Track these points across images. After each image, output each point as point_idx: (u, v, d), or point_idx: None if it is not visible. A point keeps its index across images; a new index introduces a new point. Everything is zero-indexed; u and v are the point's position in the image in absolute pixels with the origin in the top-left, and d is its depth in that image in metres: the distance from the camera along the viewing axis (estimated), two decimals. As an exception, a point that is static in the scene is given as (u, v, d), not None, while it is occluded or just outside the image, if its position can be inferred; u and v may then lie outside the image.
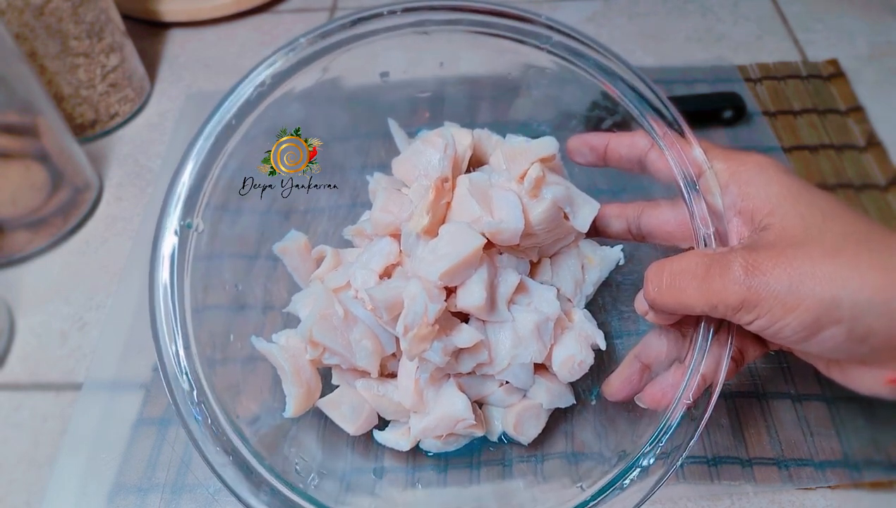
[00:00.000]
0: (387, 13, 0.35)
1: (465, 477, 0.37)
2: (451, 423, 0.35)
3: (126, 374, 0.42)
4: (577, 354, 0.35)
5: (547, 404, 0.36)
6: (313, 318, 0.35)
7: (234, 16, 0.69)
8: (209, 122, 0.34)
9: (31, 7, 0.49)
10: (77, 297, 0.47)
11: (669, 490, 0.37)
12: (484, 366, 0.35)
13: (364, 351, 0.35)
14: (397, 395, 0.36)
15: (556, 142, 0.36)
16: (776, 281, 0.26)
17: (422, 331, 0.32)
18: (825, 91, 0.57)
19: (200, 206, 0.34)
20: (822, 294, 0.26)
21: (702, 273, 0.28)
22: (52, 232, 0.50)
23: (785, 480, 0.37)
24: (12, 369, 0.44)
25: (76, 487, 0.38)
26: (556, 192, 0.35)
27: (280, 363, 0.36)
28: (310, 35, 0.35)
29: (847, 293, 0.25)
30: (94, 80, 0.55)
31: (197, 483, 0.38)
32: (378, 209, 0.37)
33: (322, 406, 0.37)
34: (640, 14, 0.67)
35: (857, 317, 0.26)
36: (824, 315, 0.26)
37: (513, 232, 0.33)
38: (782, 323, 0.27)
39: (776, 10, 0.66)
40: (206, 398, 0.31)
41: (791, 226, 0.28)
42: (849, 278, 0.25)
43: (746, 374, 0.40)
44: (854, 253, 0.26)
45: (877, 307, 0.25)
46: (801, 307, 0.26)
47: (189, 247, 0.34)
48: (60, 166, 0.50)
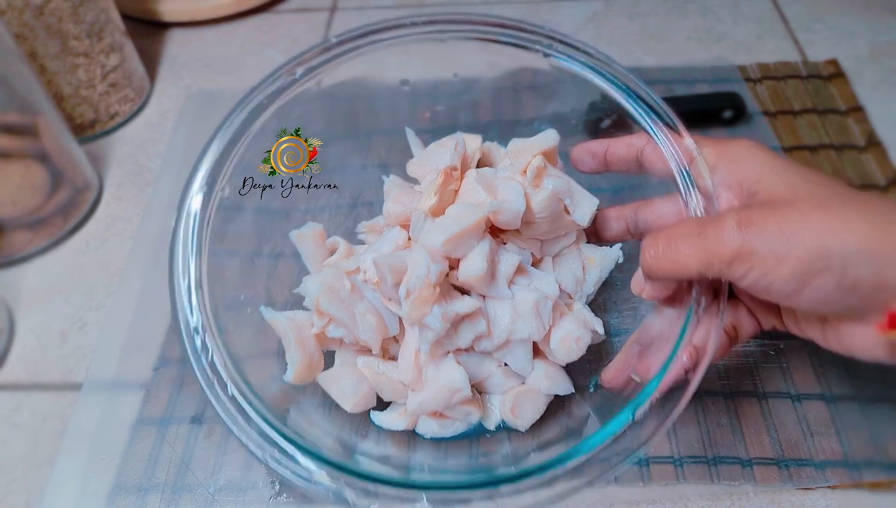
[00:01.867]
0: (409, 24, 0.39)
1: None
2: (449, 395, 0.35)
3: (126, 374, 0.43)
4: (575, 331, 0.36)
5: (545, 389, 0.37)
6: (321, 288, 0.36)
7: (234, 16, 0.69)
8: (240, 108, 0.38)
9: (31, 7, 0.49)
10: (77, 297, 0.47)
11: (669, 490, 0.37)
12: (483, 339, 0.35)
13: (368, 325, 0.36)
14: (397, 374, 0.37)
15: (557, 135, 0.38)
16: (768, 232, 0.28)
17: (424, 293, 0.33)
18: (825, 91, 0.57)
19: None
20: (812, 244, 0.27)
21: (697, 232, 0.30)
22: (52, 232, 0.50)
23: (785, 480, 0.37)
24: (12, 369, 0.44)
25: (76, 487, 0.38)
26: (557, 184, 0.37)
27: (285, 331, 0.37)
28: (345, 35, 0.39)
29: (836, 243, 0.27)
30: (94, 80, 0.55)
31: (197, 483, 0.38)
32: (391, 200, 0.40)
33: (321, 380, 0.37)
34: (641, 14, 0.67)
35: (845, 266, 0.27)
36: (814, 264, 0.27)
37: (514, 212, 0.35)
38: (774, 274, 0.28)
39: (776, 10, 0.66)
40: (216, 344, 0.32)
41: (778, 190, 0.30)
42: (837, 229, 0.27)
43: (746, 374, 0.40)
44: (841, 207, 0.28)
45: (864, 255, 0.26)
46: (793, 257, 0.27)
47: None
48: (60, 166, 0.50)
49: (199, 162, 0.36)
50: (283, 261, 0.43)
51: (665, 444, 0.38)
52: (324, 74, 0.39)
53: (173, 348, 0.43)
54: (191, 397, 0.41)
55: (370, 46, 0.40)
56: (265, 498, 0.37)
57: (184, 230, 0.34)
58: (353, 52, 0.40)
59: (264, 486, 0.37)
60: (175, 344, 0.43)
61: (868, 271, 0.27)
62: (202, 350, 0.32)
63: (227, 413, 0.31)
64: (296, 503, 0.37)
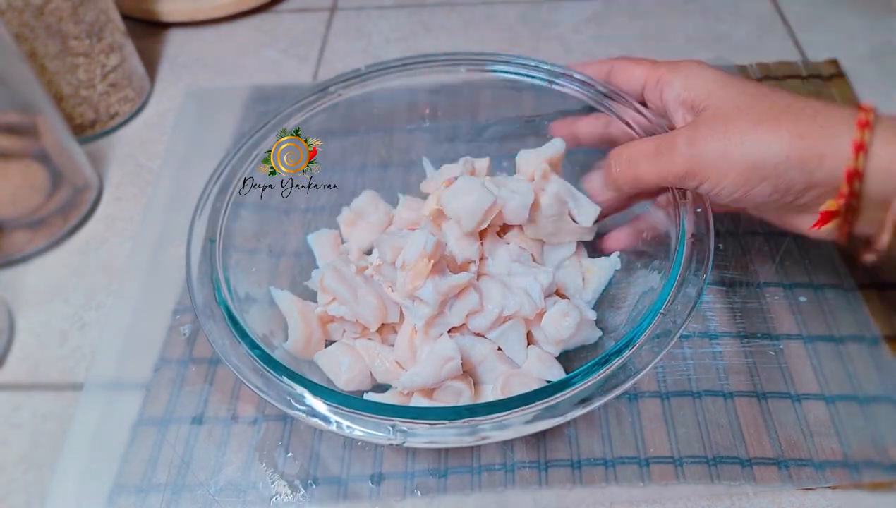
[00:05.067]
0: (444, 61, 0.45)
1: (466, 483, 0.37)
2: (440, 364, 0.35)
3: (126, 374, 0.43)
4: (564, 308, 0.37)
5: (537, 373, 0.37)
6: (328, 268, 0.38)
7: (234, 16, 0.69)
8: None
9: (31, 7, 0.49)
10: (77, 297, 0.47)
11: (669, 490, 0.37)
12: (476, 315, 0.37)
13: (369, 305, 0.38)
14: (393, 355, 0.38)
15: (563, 143, 0.42)
16: (712, 150, 0.33)
17: (418, 265, 0.35)
18: (825, 91, 0.57)
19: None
20: (749, 158, 0.32)
21: (653, 152, 0.35)
22: (52, 232, 0.50)
23: (785, 480, 0.37)
24: (12, 369, 0.44)
25: (76, 487, 0.38)
26: (562, 187, 0.40)
27: (290, 307, 0.39)
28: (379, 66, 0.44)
29: (769, 155, 0.31)
30: (94, 80, 0.55)
31: (197, 483, 0.38)
32: (403, 207, 0.44)
33: (318, 359, 0.38)
34: (641, 14, 0.67)
35: (779, 174, 0.32)
36: (752, 175, 0.32)
37: (522, 203, 0.38)
38: (720, 186, 0.33)
39: (776, 10, 0.66)
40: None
41: (724, 106, 0.34)
42: (770, 142, 0.31)
43: (746, 374, 0.40)
44: (775, 121, 0.32)
45: (792, 163, 0.31)
46: (734, 171, 0.32)
47: None
48: (60, 166, 0.50)
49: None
50: (283, 261, 0.43)
51: (665, 444, 0.38)
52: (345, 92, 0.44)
53: (173, 348, 0.43)
54: (191, 397, 0.41)
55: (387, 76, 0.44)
56: (265, 499, 0.37)
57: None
58: (374, 77, 0.44)
59: (264, 486, 0.37)
60: (175, 344, 0.44)
61: (797, 175, 0.31)
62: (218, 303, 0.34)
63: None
64: (295, 503, 0.37)
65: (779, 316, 0.43)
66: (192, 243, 0.36)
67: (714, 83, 0.35)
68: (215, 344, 0.33)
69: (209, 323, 0.33)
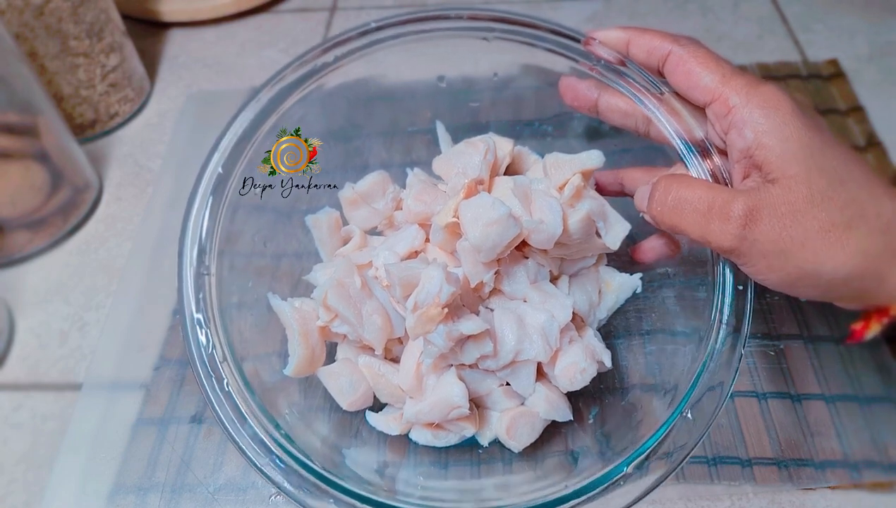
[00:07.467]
0: (454, 16, 0.39)
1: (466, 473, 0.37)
2: (445, 409, 0.34)
3: (126, 374, 0.43)
4: (581, 362, 0.35)
5: (544, 413, 0.36)
6: (331, 283, 0.35)
7: (234, 16, 0.69)
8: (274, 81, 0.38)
9: (31, 7, 0.49)
10: (77, 297, 0.47)
11: (669, 490, 0.37)
12: (487, 359, 0.35)
13: (373, 326, 0.36)
14: (397, 378, 0.36)
15: (602, 157, 0.37)
16: (769, 243, 0.29)
17: (431, 311, 0.32)
18: (825, 91, 0.57)
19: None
20: (806, 266, 0.28)
21: (703, 209, 0.30)
22: (52, 232, 0.50)
23: (785, 480, 0.37)
24: (12, 369, 0.44)
25: (76, 487, 0.38)
26: (593, 206, 0.36)
27: (290, 322, 0.36)
28: (378, 21, 0.39)
29: (828, 269, 0.28)
30: (94, 80, 0.55)
31: (197, 482, 0.38)
32: (412, 197, 0.38)
33: (321, 374, 0.37)
34: (641, 14, 0.67)
35: (832, 287, 0.29)
36: (804, 281, 0.29)
37: (550, 234, 0.34)
38: (764, 276, 0.30)
39: (776, 10, 0.66)
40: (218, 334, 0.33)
41: (796, 189, 0.29)
42: (832, 257, 0.28)
43: (746, 374, 0.40)
44: (845, 230, 0.28)
45: (850, 282, 0.29)
46: (784, 271, 0.29)
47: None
48: (60, 166, 0.50)
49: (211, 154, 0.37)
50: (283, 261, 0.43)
51: (665, 444, 0.38)
52: (347, 64, 0.40)
53: (173, 348, 0.43)
54: (191, 397, 0.41)
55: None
56: (265, 498, 0.37)
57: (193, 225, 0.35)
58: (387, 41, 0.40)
59: (264, 486, 0.37)
60: (175, 344, 0.44)
61: (849, 290, 0.29)
62: (205, 344, 0.32)
63: (224, 411, 0.31)
64: (295, 503, 0.37)
65: (779, 316, 0.43)
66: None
67: (794, 156, 0.29)
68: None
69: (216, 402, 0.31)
